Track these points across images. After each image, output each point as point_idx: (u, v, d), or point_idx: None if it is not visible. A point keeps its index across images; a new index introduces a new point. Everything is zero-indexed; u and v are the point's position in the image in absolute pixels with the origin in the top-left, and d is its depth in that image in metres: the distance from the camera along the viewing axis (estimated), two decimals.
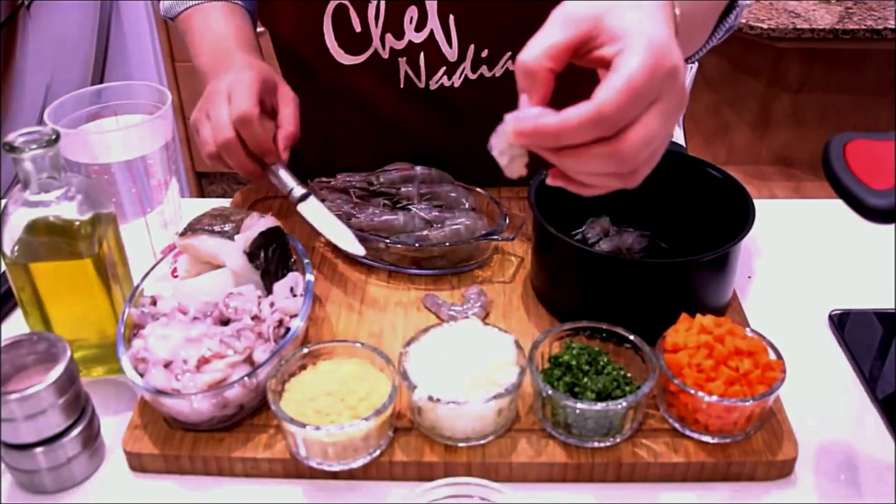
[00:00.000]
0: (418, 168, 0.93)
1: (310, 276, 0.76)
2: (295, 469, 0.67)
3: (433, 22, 0.89)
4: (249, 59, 0.89)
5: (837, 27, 2.13)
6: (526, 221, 0.89)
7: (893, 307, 0.84)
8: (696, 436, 0.67)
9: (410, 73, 0.93)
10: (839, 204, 0.60)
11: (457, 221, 0.86)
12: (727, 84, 2.48)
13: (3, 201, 0.70)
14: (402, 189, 0.91)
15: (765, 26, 2.13)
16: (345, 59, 0.93)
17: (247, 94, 0.80)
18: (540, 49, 0.54)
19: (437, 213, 0.88)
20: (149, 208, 0.86)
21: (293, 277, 0.76)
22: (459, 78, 0.93)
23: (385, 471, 0.67)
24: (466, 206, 0.91)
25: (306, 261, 0.78)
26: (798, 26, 2.14)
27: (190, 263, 0.79)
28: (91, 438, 0.67)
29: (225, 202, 0.96)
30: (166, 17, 1.03)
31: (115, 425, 0.71)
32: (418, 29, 0.89)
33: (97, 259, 0.70)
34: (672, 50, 0.53)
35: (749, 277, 0.89)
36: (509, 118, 0.55)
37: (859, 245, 0.93)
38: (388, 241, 0.85)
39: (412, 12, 0.89)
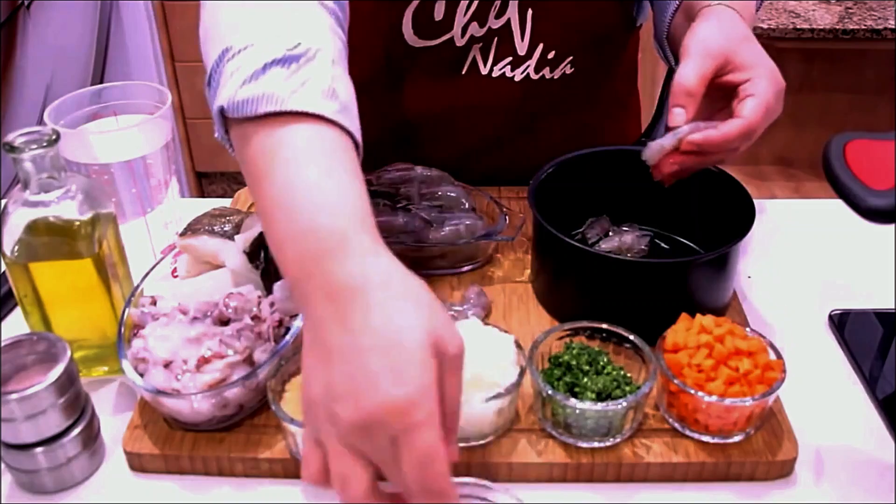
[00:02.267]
0: (418, 168, 0.93)
1: None
2: (295, 469, 0.67)
3: (512, 11, 0.90)
4: (388, 275, 0.51)
5: (837, 27, 2.13)
6: (526, 221, 0.89)
7: (893, 307, 0.84)
8: (696, 436, 0.67)
9: (479, 58, 0.93)
10: (839, 204, 0.60)
11: (457, 221, 0.86)
12: None
13: (3, 201, 0.70)
14: (402, 189, 0.91)
15: (765, 26, 2.13)
16: (416, 42, 0.92)
17: (437, 461, 0.46)
18: (696, 76, 0.72)
19: (437, 213, 0.88)
20: (149, 208, 0.86)
21: None
22: (522, 73, 0.94)
23: None
24: (466, 206, 0.91)
25: None
26: (798, 26, 2.14)
27: (190, 263, 0.79)
28: (91, 438, 0.67)
29: (225, 202, 0.96)
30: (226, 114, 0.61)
31: (115, 425, 0.71)
32: (498, 16, 0.90)
33: (97, 259, 0.70)
34: (780, 74, 0.75)
35: (749, 277, 0.89)
36: (667, 138, 0.74)
37: (859, 245, 0.93)
38: (388, 240, 0.84)
39: (498, 1, 0.89)
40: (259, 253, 0.76)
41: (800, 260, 0.92)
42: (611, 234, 0.87)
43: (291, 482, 0.67)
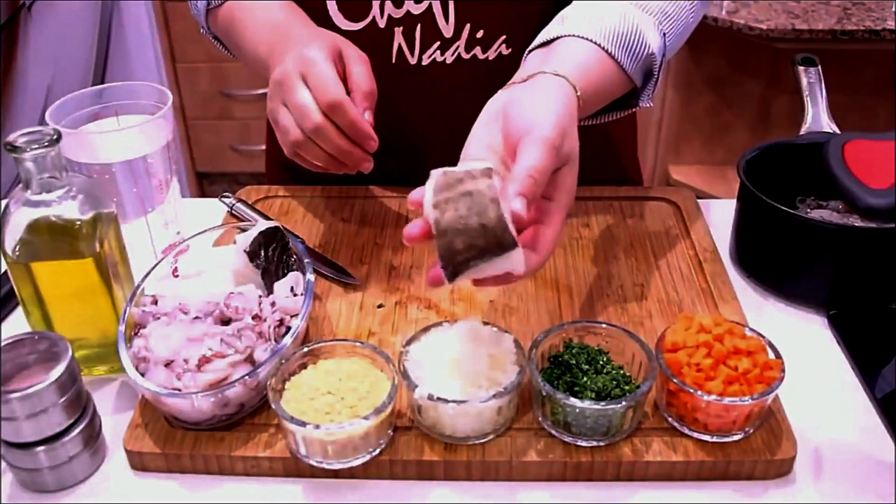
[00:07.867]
0: None
1: (310, 276, 0.76)
2: (295, 468, 0.67)
3: None
4: (309, 31, 0.84)
5: (836, 28, 2.13)
6: None
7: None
8: (695, 435, 0.67)
9: (404, 45, 0.92)
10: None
11: None
12: (726, 85, 2.48)
13: (5, 201, 0.70)
14: None
15: (764, 27, 2.13)
16: (343, 24, 0.91)
17: (329, 75, 0.75)
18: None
19: None
20: (150, 208, 0.87)
21: (293, 277, 0.76)
22: (453, 55, 0.93)
23: (385, 469, 0.67)
24: None
25: (306, 260, 0.78)
26: (797, 27, 2.14)
27: (191, 263, 0.79)
28: (92, 437, 0.67)
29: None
30: (201, 19, 0.97)
31: (116, 424, 0.71)
32: (418, 0, 0.89)
33: (98, 258, 0.70)
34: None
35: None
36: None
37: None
38: None
39: None
40: (259, 253, 0.76)
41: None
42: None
43: (292, 481, 0.67)
